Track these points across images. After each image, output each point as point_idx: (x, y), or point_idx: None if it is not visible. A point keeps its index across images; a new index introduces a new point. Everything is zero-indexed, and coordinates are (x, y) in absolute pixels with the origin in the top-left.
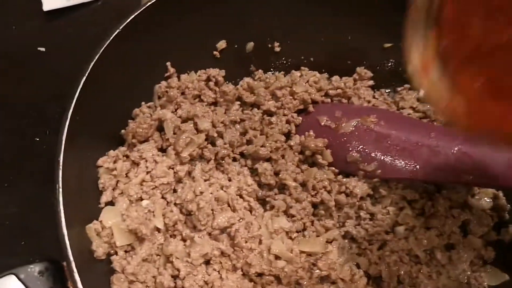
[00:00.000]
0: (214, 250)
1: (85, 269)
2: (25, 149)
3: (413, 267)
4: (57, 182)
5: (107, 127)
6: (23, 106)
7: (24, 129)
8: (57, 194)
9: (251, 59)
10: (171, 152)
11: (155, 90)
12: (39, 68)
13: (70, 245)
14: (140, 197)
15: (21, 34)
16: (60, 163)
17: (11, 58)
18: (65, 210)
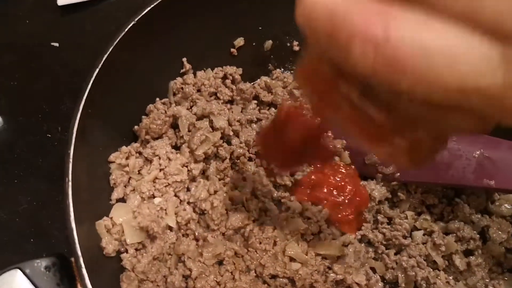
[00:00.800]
0: (227, 250)
1: (93, 266)
2: (36, 145)
3: (430, 273)
4: (66, 175)
5: (120, 123)
6: (35, 102)
7: (36, 125)
8: (67, 187)
9: (269, 57)
10: (185, 149)
11: (170, 86)
12: (52, 64)
13: (79, 241)
14: (152, 195)
15: (34, 28)
16: (71, 156)
17: (24, 53)
18: (74, 205)
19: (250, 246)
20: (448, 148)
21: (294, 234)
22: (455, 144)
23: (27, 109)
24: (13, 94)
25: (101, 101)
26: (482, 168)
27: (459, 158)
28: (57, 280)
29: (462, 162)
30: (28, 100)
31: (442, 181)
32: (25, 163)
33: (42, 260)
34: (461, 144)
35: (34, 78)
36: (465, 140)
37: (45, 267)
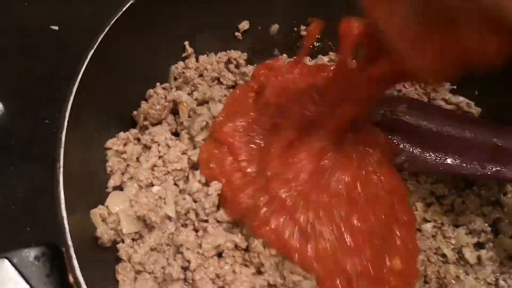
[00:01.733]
0: (227, 242)
1: (86, 256)
2: (34, 131)
3: (441, 267)
4: (58, 161)
5: (118, 107)
6: (33, 87)
7: (34, 111)
8: (58, 174)
9: (275, 42)
10: (185, 136)
11: (171, 71)
12: (51, 47)
13: (70, 230)
14: (150, 183)
15: (33, 11)
16: (62, 141)
17: (22, 36)
18: (66, 192)
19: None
20: (459, 138)
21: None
22: (467, 133)
23: (25, 94)
24: (11, 79)
25: (97, 85)
26: (495, 158)
27: (470, 147)
28: (46, 271)
29: (473, 152)
30: (27, 85)
31: (453, 171)
32: (22, 150)
33: (31, 250)
34: (473, 133)
35: (33, 63)
36: (477, 129)
37: (34, 257)
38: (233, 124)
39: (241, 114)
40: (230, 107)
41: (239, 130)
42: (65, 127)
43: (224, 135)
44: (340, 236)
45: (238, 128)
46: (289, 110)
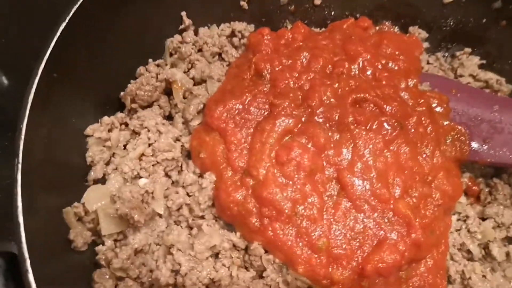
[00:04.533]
0: (224, 242)
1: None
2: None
3: (466, 266)
4: (16, 156)
5: (102, 88)
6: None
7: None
8: (16, 171)
9: (286, 12)
10: (179, 120)
11: (167, 46)
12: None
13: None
14: (137, 175)
15: None
16: (22, 133)
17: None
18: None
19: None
20: (487, 120)
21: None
22: (497, 115)
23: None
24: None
25: (72, 63)
26: None
27: (500, 131)
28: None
29: (504, 136)
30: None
31: (480, 158)
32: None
33: None
34: (503, 115)
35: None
36: (507, 110)
37: None
38: (225, 107)
39: (236, 95)
40: (225, 87)
41: (232, 113)
42: (26, 115)
43: (216, 119)
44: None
45: (231, 112)
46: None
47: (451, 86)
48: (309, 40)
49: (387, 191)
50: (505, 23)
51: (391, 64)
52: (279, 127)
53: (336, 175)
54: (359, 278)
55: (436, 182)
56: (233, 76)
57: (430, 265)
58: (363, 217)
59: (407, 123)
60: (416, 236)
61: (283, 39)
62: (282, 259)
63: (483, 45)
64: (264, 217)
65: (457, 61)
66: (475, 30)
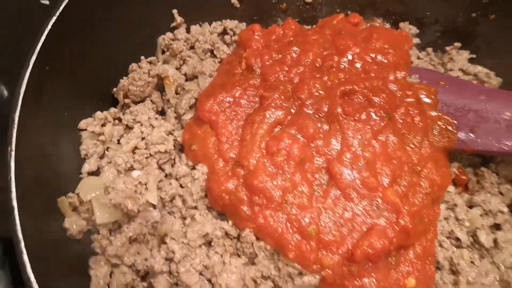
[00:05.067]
0: (217, 230)
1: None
2: None
3: (454, 252)
4: (9, 144)
5: (95, 83)
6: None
7: None
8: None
9: (277, 10)
10: (171, 114)
11: (159, 43)
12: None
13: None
14: (131, 167)
15: None
16: (15, 122)
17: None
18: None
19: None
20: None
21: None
22: (483, 105)
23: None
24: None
25: (65, 57)
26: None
27: (486, 120)
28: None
29: (489, 125)
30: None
31: (467, 147)
32: None
33: None
34: (489, 104)
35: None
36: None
37: None
38: (216, 100)
39: (227, 88)
40: (216, 82)
41: (223, 106)
42: (19, 106)
43: (207, 112)
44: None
45: (222, 105)
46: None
47: (439, 78)
48: (299, 36)
49: (376, 179)
50: (494, 17)
51: (380, 57)
52: (269, 119)
53: (326, 165)
54: (349, 263)
55: (425, 171)
56: (224, 71)
57: (419, 252)
58: (352, 205)
59: (395, 114)
60: (405, 223)
61: (274, 35)
62: (273, 246)
63: (473, 40)
64: (255, 205)
65: (447, 56)
66: (465, 25)
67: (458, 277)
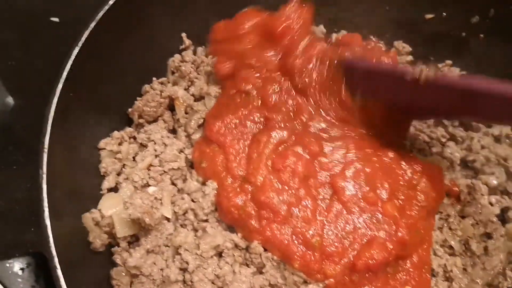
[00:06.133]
0: (227, 242)
1: (77, 263)
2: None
3: (448, 260)
4: (41, 167)
5: (112, 105)
6: (34, 82)
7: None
8: (41, 181)
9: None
10: (182, 133)
11: (169, 65)
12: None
13: (57, 237)
14: (146, 183)
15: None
16: (45, 145)
17: (21, 29)
18: (53, 198)
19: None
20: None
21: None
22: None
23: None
24: (11, 75)
25: (86, 82)
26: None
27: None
28: (32, 282)
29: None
30: (28, 80)
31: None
32: (25, 148)
33: (15, 261)
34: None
35: (32, 56)
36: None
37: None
38: (222, 122)
39: (232, 111)
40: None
41: (230, 127)
42: (48, 131)
43: (215, 134)
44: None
45: (228, 126)
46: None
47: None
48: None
49: (375, 194)
50: (483, 36)
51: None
52: (274, 139)
53: (329, 180)
54: (350, 273)
55: (420, 185)
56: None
57: (415, 261)
58: (354, 218)
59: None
60: (402, 235)
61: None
62: (279, 256)
63: (463, 57)
64: (263, 219)
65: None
66: (455, 43)
67: (451, 284)
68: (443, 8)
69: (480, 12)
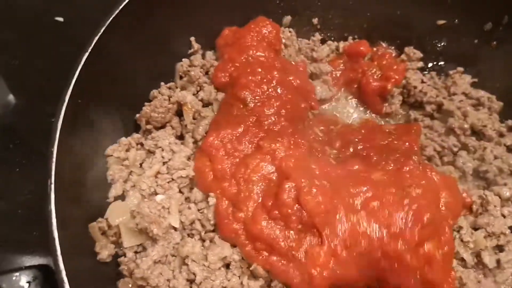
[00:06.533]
0: (234, 254)
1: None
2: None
3: (463, 272)
4: (49, 177)
5: (119, 111)
6: (37, 82)
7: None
8: (49, 191)
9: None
10: (189, 140)
11: (177, 69)
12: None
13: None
14: (154, 191)
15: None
16: (54, 155)
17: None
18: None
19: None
20: None
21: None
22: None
23: (29, 91)
24: (14, 74)
25: (94, 88)
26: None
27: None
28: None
29: None
30: (31, 80)
31: None
32: (28, 150)
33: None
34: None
35: (35, 56)
36: None
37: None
38: (218, 135)
39: (230, 123)
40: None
41: (225, 142)
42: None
43: (209, 146)
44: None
45: (224, 140)
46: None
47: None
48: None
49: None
50: (495, 44)
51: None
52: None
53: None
54: None
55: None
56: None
57: None
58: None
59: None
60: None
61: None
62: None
63: (475, 65)
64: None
65: (450, 80)
66: (467, 50)
67: None
68: (455, 15)
69: (493, 19)
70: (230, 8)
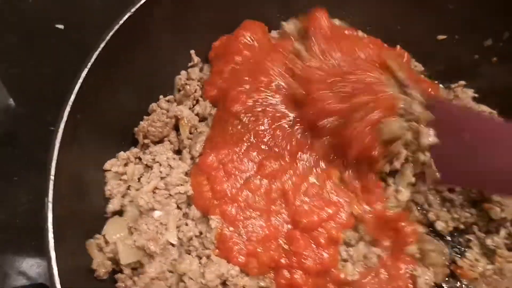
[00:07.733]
0: (231, 270)
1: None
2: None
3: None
4: (46, 195)
5: (118, 124)
6: (36, 90)
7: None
8: (46, 210)
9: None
10: (187, 155)
11: (176, 82)
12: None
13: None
14: (151, 207)
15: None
16: (52, 173)
17: (25, 36)
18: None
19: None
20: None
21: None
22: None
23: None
24: (15, 81)
25: (93, 103)
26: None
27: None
28: None
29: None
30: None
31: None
32: (27, 158)
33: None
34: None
35: (35, 64)
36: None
37: None
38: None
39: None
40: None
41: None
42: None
43: (206, 165)
44: None
45: (222, 160)
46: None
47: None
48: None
49: None
50: (496, 59)
51: None
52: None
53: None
54: None
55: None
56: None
57: None
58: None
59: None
60: None
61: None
62: None
63: (476, 80)
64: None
65: (452, 93)
66: (468, 65)
67: None
68: (456, 30)
69: (493, 35)
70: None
